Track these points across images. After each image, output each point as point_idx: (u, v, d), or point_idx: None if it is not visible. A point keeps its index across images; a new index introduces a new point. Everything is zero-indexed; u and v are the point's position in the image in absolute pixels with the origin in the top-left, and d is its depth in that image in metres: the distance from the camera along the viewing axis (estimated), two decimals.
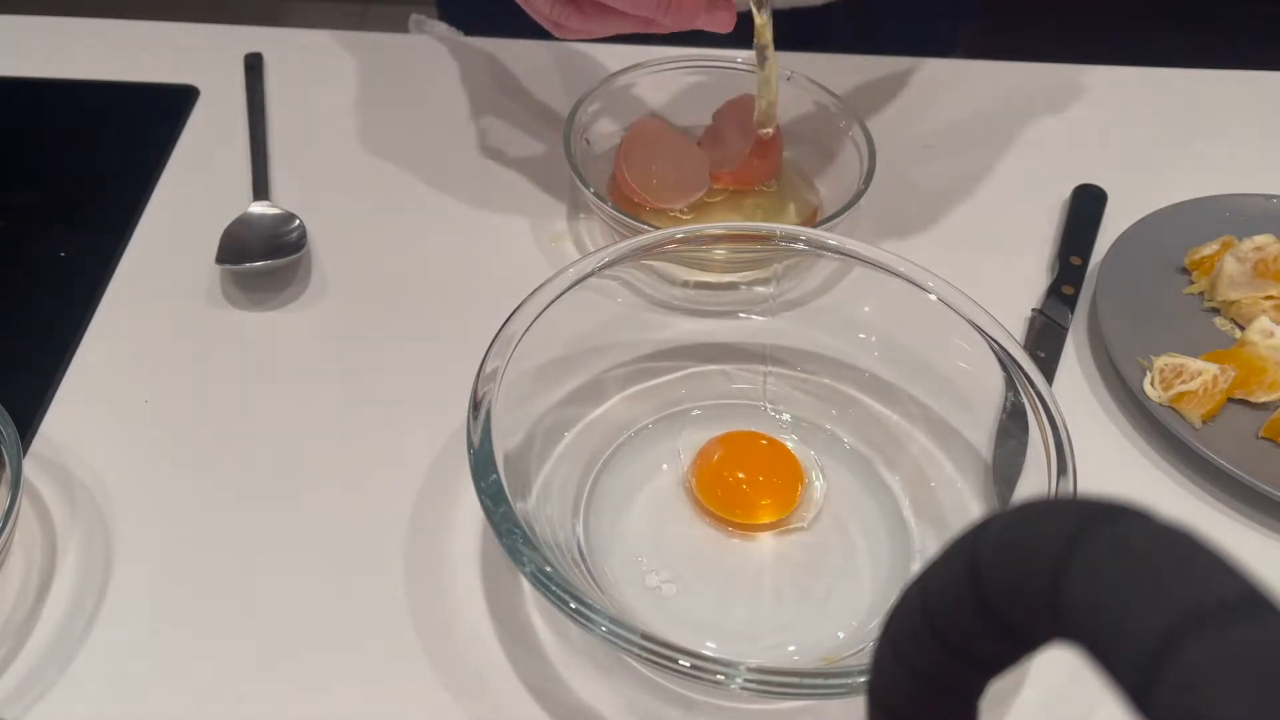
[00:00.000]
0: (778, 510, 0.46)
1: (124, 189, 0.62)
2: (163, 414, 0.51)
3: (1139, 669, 0.15)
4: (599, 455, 0.49)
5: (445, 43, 0.73)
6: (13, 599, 0.44)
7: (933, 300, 0.47)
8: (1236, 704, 0.13)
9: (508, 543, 0.38)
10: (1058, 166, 0.66)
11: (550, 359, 0.47)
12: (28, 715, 0.40)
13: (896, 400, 0.50)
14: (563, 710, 0.41)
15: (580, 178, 0.57)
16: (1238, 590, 0.15)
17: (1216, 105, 0.72)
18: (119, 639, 0.43)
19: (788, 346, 0.52)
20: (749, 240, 0.51)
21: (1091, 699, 0.42)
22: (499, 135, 0.66)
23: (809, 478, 0.48)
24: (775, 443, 0.49)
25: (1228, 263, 0.55)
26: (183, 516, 0.47)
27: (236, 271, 0.56)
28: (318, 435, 0.50)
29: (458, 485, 0.48)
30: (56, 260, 0.58)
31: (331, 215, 0.60)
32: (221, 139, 0.65)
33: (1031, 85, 0.72)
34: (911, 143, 0.67)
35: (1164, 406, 0.51)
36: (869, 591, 0.45)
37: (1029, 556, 0.17)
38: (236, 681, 0.42)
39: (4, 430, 0.44)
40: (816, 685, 0.36)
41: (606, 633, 0.36)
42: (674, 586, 0.44)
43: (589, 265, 0.47)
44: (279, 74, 0.70)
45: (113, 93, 0.69)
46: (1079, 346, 0.56)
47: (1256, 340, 0.53)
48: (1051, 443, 0.42)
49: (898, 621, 0.20)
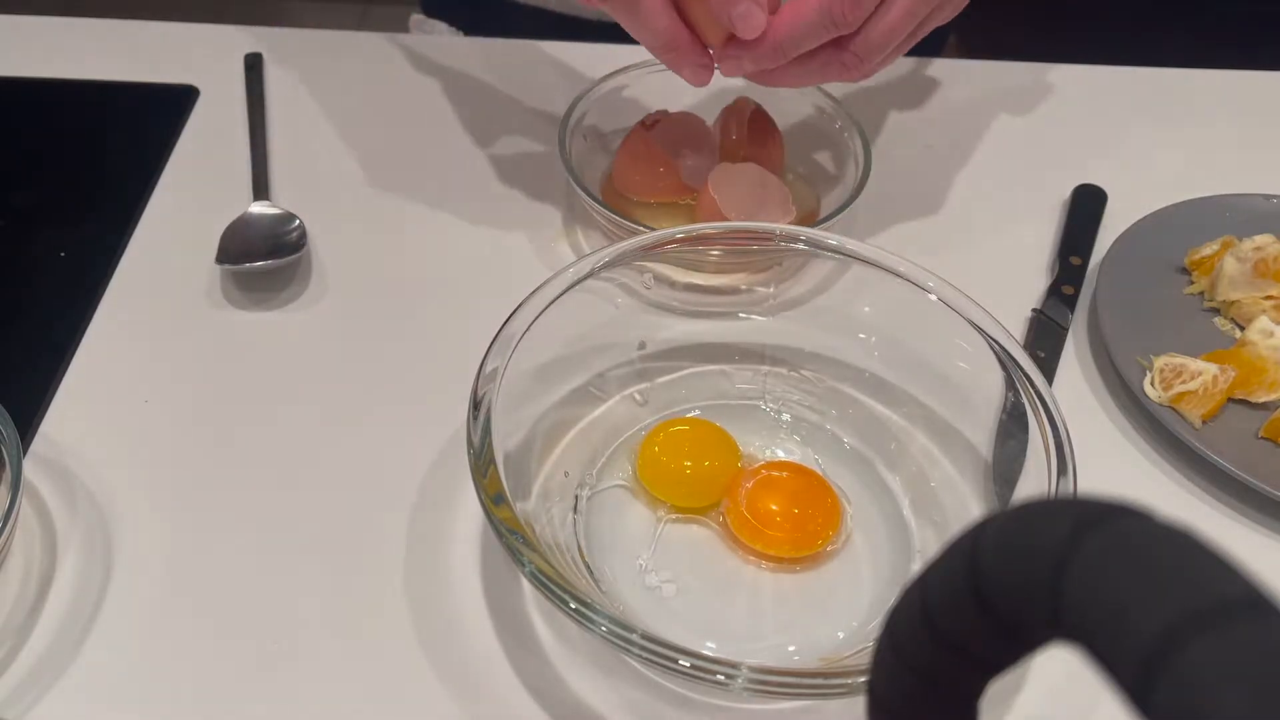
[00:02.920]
0: (799, 548, 0.46)
1: (124, 189, 0.62)
2: (163, 414, 0.51)
3: (1139, 669, 0.15)
4: (599, 455, 0.49)
5: (445, 43, 0.73)
6: (13, 599, 0.44)
7: (933, 300, 0.47)
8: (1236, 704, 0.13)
9: (508, 543, 0.38)
10: (1058, 166, 0.66)
11: (550, 359, 0.47)
12: (28, 715, 0.40)
13: (896, 400, 0.50)
14: (563, 710, 0.41)
15: (575, 178, 0.57)
16: (1238, 590, 0.15)
17: (1216, 105, 0.72)
18: (119, 639, 0.43)
19: (788, 346, 0.52)
20: (749, 240, 0.51)
21: (1091, 699, 0.42)
22: (498, 135, 0.66)
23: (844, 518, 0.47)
24: (819, 482, 0.48)
25: (1228, 263, 0.55)
26: (183, 516, 0.47)
27: (236, 271, 0.56)
28: (317, 435, 0.50)
29: (458, 485, 0.48)
30: (56, 260, 0.58)
31: (331, 215, 0.60)
32: (221, 139, 0.65)
33: (1031, 85, 0.72)
34: (911, 143, 0.67)
35: (1164, 406, 0.51)
36: (869, 591, 0.45)
37: (1029, 556, 0.17)
38: (236, 681, 0.42)
39: (4, 430, 0.44)
40: (816, 685, 0.36)
41: (606, 633, 0.36)
42: (674, 586, 0.44)
43: (589, 265, 0.47)
44: (279, 74, 0.70)
45: (113, 93, 0.69)
46: (1079, 346, 0.56)
47: (1256, 340, 0.53)
48: (1051, 443, 0.42)
49: (898, 621, 0.20)
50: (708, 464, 0.47)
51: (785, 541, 0.45)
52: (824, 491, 0.47)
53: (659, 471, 0.47)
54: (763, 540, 0.45)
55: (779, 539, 0.45)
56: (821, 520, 0.46)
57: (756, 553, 0.45)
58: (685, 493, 0.47)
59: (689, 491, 0.47)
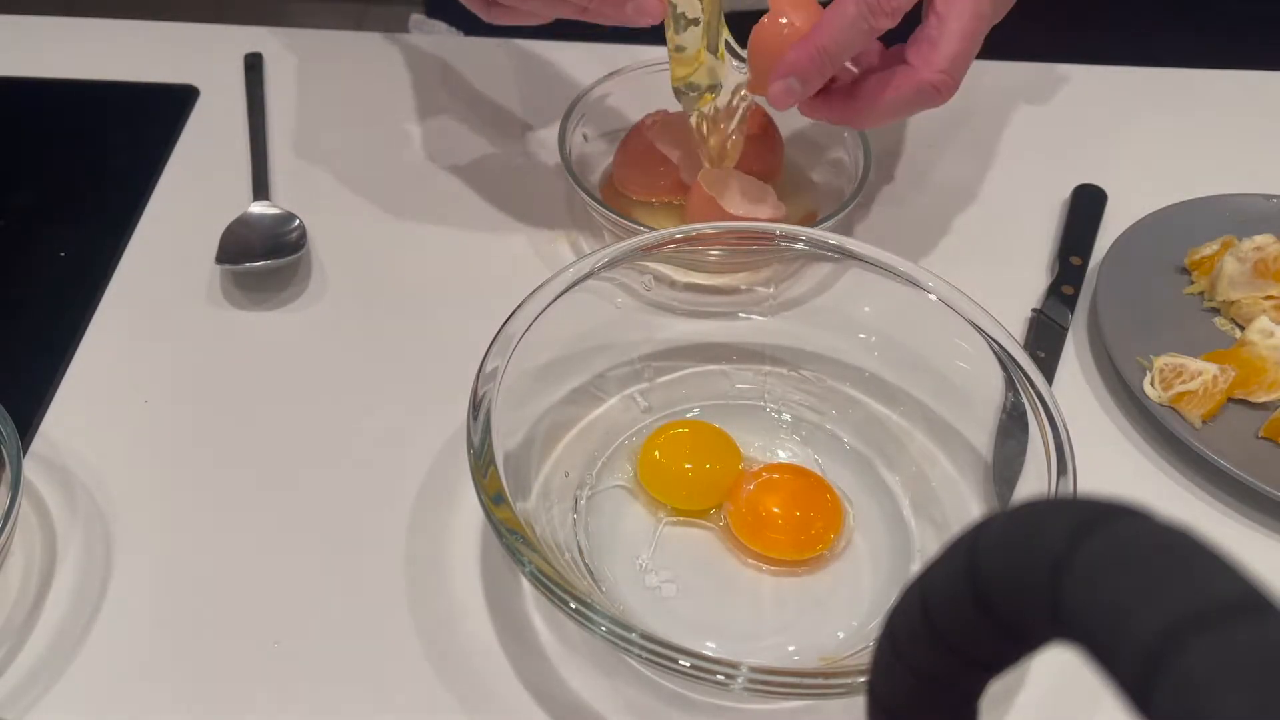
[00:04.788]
0: (801, 551, 0.46)
1: (124, 189, 0.62)
2: (163, 414, 0.51)
3: (1139, 669, 0.15)
4: (599, 455, 0.49)
5: (445, 43, 0.73)
6: (13, 599, 0.44)
7: (933, 300, 0.47)
8: (1236, 704, 0.13)
9: (508, 543, 0.38)
10: (1058, 166, 0.66)
11: (550, 359, 0.47)
12: (28, 715, 0.40)
13: (896, 400, 0.50)
14: (563, 710, 0.41)
15: (575, 178, 0.57)
16: (1238, 590, 0.15)
17: (1216, 105, 0.72)
18: (119, 639, 0.43)
19: (788, 346, 0.52)
20: (749, 240, 0.51)
21: (1091, 699, 0.42)
22: (498, 135, 0.66)
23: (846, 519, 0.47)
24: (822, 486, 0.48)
25: (1228, 263, 0.55)
26: (183, 516, 0.47)
27: (236, 271, 0.56)
28: (317, 435, 0.50)
29: (458, 485, 0.48)
30: (56, 260, 0.58)
31: (331, 215, 0.60)
32: (221, 139, 0.65)
33: (1031, 85, 0.72)
34: (911, 143, 0.67)
35: (1164, 406, 0.51)
36: (869, 591, 0.45)
37: (1029, 557, 0.17)
38: (236, 681, 0.42)
39: (4, 430, 0.44)
40: (816, 685, 0.36)
41: (606, 633, 0.36)
42: (674, 586, 0.44)
43: (589, 265, 0.47)
44: (279, 74, 0.70)
45: (113, 93, 0.69)
46: (1079, 346, 0.56)
47: (1256, 340, 0.53)
48: (1051, 443, 0.42)
49: (898, 621, 0.20)
50: (709, 467, 0.47)
51: (787, 544, 0.45)
52: (826, 494, 0.47)
53: (660, 474, 0.47)
54: (764, 542, 0.45)
55: (781, 541, 0.45)
56: (824, 524, 0.46)
57: (757, 555, 0.45)
58: (686, 496, 0.47)
59: (690, 495, 0.47)
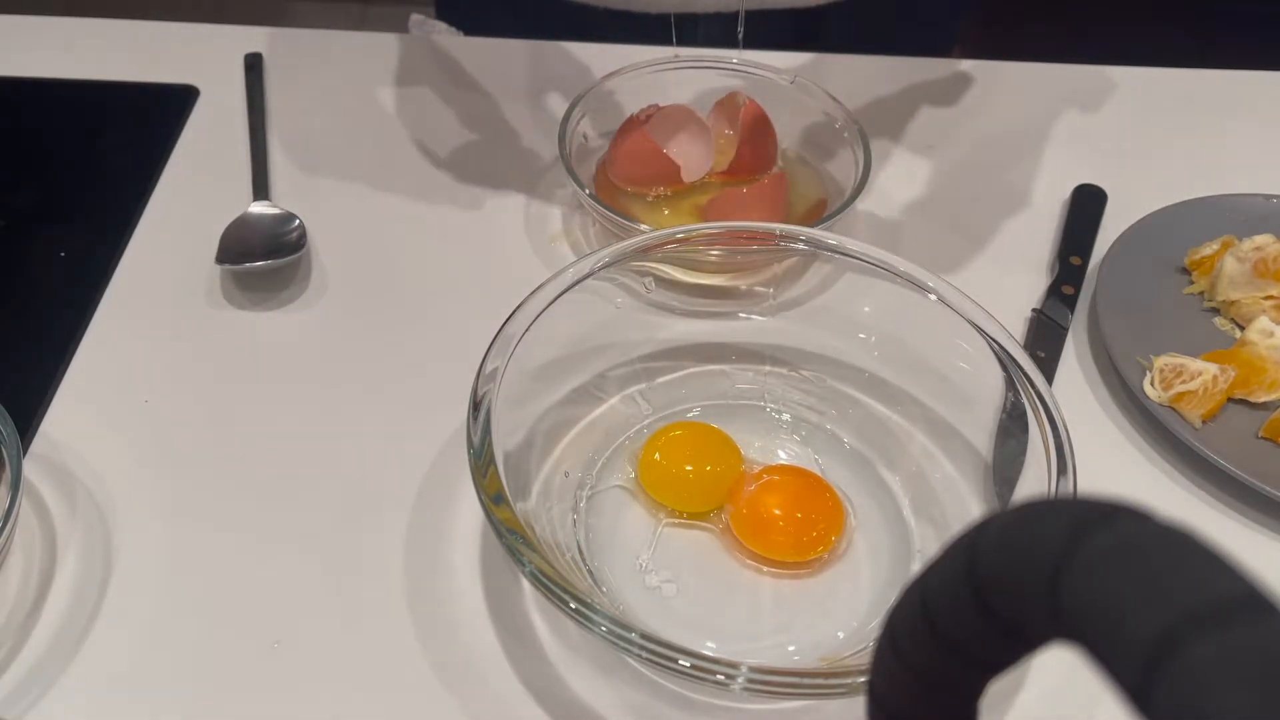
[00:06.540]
0: (802, 553, 0.46)
1: (124, 189, 0.62)
2: (163, 414, 0.51)
3: (1139, 669, 0.15)
4: (599, 455, 0.49)
5: (445, 43, 0.73)
6: (13, 599, 0.44)
7: (933, 300, 0.47)
8: (1236, 704, 0.13)
9: (508, 543, 0.38)
10: (1058, 166, 0.66)
11: (550, 359, 0.47)
12: (28, 715, 0.40)
13: (896, 400, 0.50)
14: (563, 710, 0.41)
15: (574, 177, 0.57)
16: (1238, 590, 0.15)
17: (1216, 105, 0.72)
18: (119, 639, 0.43)
19: (788, 346, 0.52)
20: (749, 240, 0.51)
21: (1091, 699, 0.42)
22: (498, 135, 0.66)
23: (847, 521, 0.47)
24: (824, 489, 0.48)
25: (1228, 263, 0.55)
26: (183, 516, 0.47)
27: (236, 271, 0.56)
28: (317, 435, 0.50)
29: (458, 485, 0.48)
30: (56, 260, 0.58)
31: (331, 215, 0.60)
32: (221, 139, 0.65)
33: (1031, 85, 0.72)
34: (911, 143, 0.67)
35: (1164, 406, 0.51)
36: (869, 591, 0.45)
37: (1029, 557, 0.17)
38: (236, 681, 0.42)
39: (4, 430, 0.44)
40: (816, 685, 0.36)
41: (606, 633, 0.36)
42: (674, 586, 0.44)
43: (589, 265, 0.47)
44: (279, 74, 0.70)
45: (113, 93, 0.69)
46: (1079, 346, 0.56)
47: (1256, 340, 0.53)
48: (1051, 443, 0.42)
49: (898, 621, 0.20)
50: (709, 469, 0.47)
51: (788, 546, 0.45)
52: (827, 496, 0.47)
53: (661, 478, 0.47)
54: (766, 544, 0.45)
55: (782, 543, 0.45)
56: (825, 526, 0.46)
57: (758, 556, 0.45)
58: (687, 498, 0.47)
59: (690, 497, 0.47)
